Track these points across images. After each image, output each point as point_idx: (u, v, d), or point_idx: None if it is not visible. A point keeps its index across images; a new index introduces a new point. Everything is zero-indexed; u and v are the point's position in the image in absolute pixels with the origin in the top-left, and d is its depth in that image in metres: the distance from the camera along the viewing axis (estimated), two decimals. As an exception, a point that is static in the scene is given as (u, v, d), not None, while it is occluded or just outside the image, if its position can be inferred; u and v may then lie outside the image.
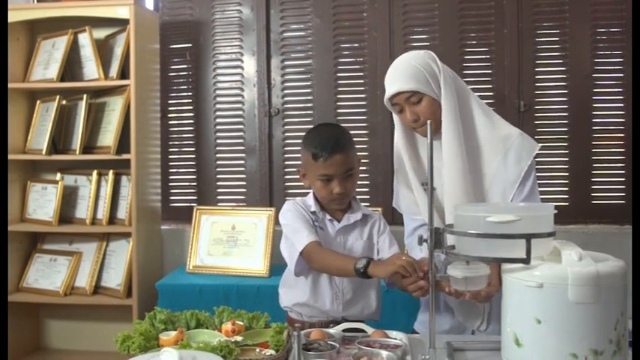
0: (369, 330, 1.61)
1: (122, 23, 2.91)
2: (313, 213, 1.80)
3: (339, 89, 3.12)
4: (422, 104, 1.68)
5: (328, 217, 1.82)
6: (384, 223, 1.87)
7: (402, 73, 1.68)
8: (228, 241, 2.93)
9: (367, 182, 3.04)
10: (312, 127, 1.90)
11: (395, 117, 1.79)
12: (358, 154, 1.84)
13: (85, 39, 2.99)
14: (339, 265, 1.66)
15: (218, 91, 3.23)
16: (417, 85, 1.66)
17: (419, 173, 1.78)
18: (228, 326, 1.48)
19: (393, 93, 1.69)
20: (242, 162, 3.21)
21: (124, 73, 2.92)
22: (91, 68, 2.98)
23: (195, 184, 3.27)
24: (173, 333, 1.46)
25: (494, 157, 1.70)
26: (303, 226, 1.74)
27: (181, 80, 3.27)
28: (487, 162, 1.71)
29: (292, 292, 1.83)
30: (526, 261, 1.25)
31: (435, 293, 1.44)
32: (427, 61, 1.69)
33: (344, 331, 1.61)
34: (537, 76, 2.99)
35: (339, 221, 1.82)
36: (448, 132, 1.67)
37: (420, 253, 1.71)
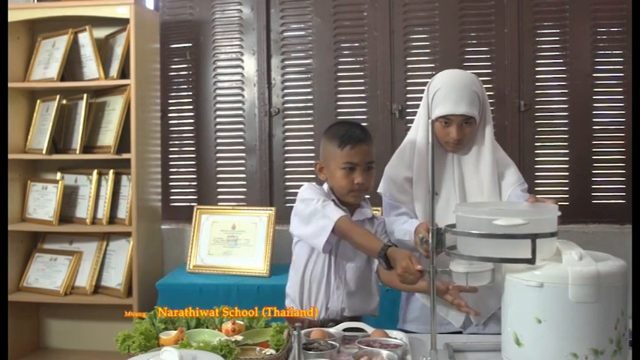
0: (370, 329, 1.61)
1: (122, 23, 2.91)
2: (332, 201, 1.81)
3: (340, 89, 3.12)
4: (470, 128, 1.82)
5: (342, 207, 1.83)
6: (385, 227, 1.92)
7: (468, 98, 1.78)
8: (229, 240, 2.93)
9: (367, 182, 3.03)
10: (333, 123, 1.90)
11: (424, 126, 1.85)
12: None
13: (85, 38, 2.99)
14: (366, 249, 1.70)
15: (218, 91, 3.23)
16: (477, 113, 1.80)
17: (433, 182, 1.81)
18: (228, 326, 1.48)
19: (459, 113, 1.77)
20: (242, 161, 3.21)
21: (124, 73, 2.92)
22: (91, 68, 2.98)
23: (195, 183, 3.27)
24: (173, 332, 1.46)
25: (504, 170, 1.89)
26: (331, 201, 1.76)
27: (181, 80, 3.26)
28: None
29: (295, 285, 1.85)
30: (531, 261, 1.25)
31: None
32: (481, 89, 1.83)
33: (344, 330, 1.62)
34: (537, 76, 2.99)
35: (352, 215, 1.83)
36: (487, 155, 1.84)
37: (403, 224, 1.80)
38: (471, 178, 1.85)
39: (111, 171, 2.96)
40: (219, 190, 3.24)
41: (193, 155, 3.26)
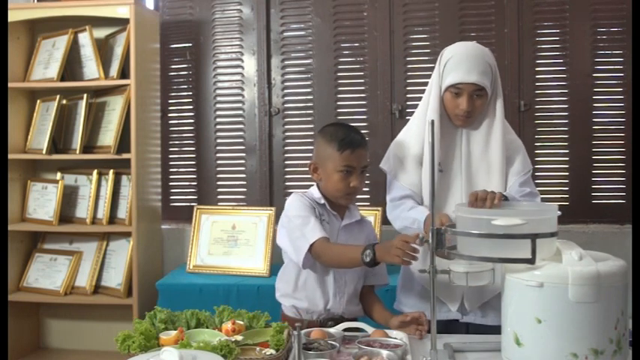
0: (370, 329, 1.61)
1: (122, 23, 2.91)
2: (322, 205, 1.81)
3: (340, 89, 3.12)
4: (481, 100, 1.79)
5: (333, 212, 1.83)
6: (374, 231, 1.99)
7: (480, 67, 1.76)
8: (229, 240, 2.93)
9: (367, 182, 3.03)
10: (327, 124, 1.90)
11: (434, 99, 1.82)
12: None
13: (85, 38, 2.99)
14: (349, 260, 1.69)
15: (218, 91, 3.23)
16: (488, 84, 1.78)
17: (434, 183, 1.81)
18: (228, 326, 1.48)
19: (470, 82, 1.75)
20: (242, 161, 3.21)
21: (124, 73, 2.92)
22: (91, 68, 2.98)
23: (195, 183, 3.27)
24: (173, 332, 1.46)
25: (512, 154, 1.87)
26: (313, 219, 1.76)
27: (181, 80, 3.26)
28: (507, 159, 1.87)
29: (289, 286, 1.84)
30: (531, 261, 1.25)
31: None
32: (493, 62, 1.82)
33: (344, 330, 1.62)
34: (537, 76, 2.99)
35: (342, 218, 1.83)
36: (497, 132, 1.82)
37: (410, 212, 1.81)
38: (478, 157, 1.83)
39: (111, 171, 2.96)
40: (219, 190, 3.23)
41: (193, 155, 3.26)
